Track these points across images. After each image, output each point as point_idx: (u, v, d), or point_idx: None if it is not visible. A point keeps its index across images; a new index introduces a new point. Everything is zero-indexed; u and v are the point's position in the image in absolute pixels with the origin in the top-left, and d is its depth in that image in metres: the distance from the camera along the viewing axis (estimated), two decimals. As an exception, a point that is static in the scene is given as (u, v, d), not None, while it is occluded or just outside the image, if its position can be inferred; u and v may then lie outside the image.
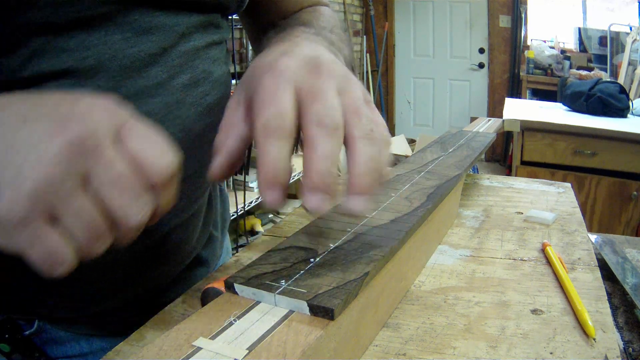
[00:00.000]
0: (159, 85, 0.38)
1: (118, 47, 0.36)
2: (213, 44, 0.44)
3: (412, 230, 0.37)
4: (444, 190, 0.45)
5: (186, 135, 0.41)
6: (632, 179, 1.88)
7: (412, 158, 0.57)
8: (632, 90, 2.75)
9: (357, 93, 0.31)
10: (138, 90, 0.37)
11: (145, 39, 0.37)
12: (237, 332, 0.25)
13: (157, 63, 0.38)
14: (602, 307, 0.37)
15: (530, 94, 3.78)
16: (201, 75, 0.42)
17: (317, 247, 0.33)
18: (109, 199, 0.26)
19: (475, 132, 0.71)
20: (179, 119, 0.40)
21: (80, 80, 0.34)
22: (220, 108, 0.45)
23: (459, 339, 0.34)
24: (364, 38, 4.45)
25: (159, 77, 0.38)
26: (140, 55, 0.37)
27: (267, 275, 0.29)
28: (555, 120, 1.99)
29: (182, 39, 0.40)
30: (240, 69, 2.49)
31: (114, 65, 0.36)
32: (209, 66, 0.43)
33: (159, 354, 0.24)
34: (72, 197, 0.25)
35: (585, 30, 3.80)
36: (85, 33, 0.34)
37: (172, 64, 0.39)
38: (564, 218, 0.56)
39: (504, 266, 0.44)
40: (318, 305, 0.26)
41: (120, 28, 0.36)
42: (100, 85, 0.35)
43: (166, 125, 0.39)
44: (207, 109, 0.43)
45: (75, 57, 0.34)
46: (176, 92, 0.40)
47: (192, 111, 0.41)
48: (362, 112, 0.30)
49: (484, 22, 4.12)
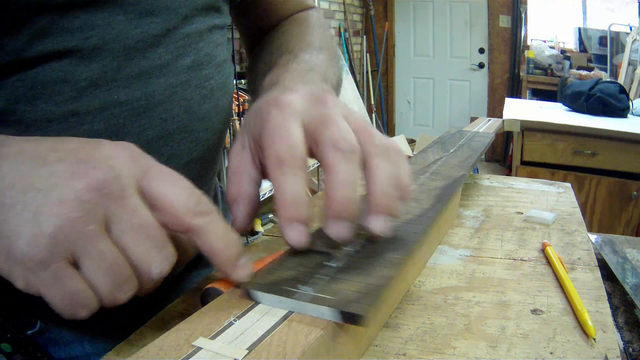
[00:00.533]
0: (163, 66, 0.39)
1: (122, 27, 0.36)
2: (215, 27, 0.45)
3: (427, 232, 0.37)
4: (451, 191, 0.45)
5: (190, 117, 0.42)
6: (632, 179, 1.87)
7: (415, 159, 0.57)
8: (632, 90, 2.75)
9: (362, 118, 0.32)
10: (142, 71, 0.38)
11: (149, 20, 0.37)
12: (237, 332, 0.25)
13: (160, 44, 0.38)
14: (602, 307, 0.37)
15: (530, 94, 3.78)
16: (204, 58, 0.43)
17: (333, 251, 0.32)
18: (131, 247, 0.25)
19: (474, 132, 0.71)
20: (183, 100, 0.41)
21: (83, 60, 0.35)
22: (223, 93, 0.46)
23: (459, 339, 0.34)
24: (364, 38, 4.45)
25: (163, 58, 0.39)
26: (143, 36, 0.37)
27: (287, 281, 0.29)
28: (555, 120, 1.99)
29: (185, 21, 0.40)
30: (240, 69, 2.48)
31: (117, 45, 0.36)
32: (212, 50, 0.44)
33: (158, 353, 0.24)
34: (93, 240, 0.24)
35: (585, 30, 3.80)
36: (89, 13, 0.35)
37: (176, 45, 0.40)
38: (564, 218, 0.56)
39: (504, 266, 0.44)
40: (350, 312, 0.25)
41: (123, 9, 0.36)
42: (105, 65, 0.36)
43: (171, 107, 0.40)
44: (211, 92, 0.44)
45: (79, 36, 0.34)
46: (180, 74, 0.40)
47: (197, 93, 0.42)
48: (373, 131, 0.31)
49: (484, 22, 4.12)
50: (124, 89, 0.37)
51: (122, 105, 0.37)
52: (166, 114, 0.40)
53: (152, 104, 0.38)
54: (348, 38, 4.14)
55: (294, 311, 0.27)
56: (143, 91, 0.38)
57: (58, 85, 0.34)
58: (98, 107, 0.36)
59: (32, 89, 0.34)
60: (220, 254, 0.28)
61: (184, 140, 0.42)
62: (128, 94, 0.37)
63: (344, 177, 0.28)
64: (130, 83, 0.37)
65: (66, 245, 0.24)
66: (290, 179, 0.28)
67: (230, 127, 2.22)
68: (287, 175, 0.28)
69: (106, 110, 0.36)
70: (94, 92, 0.36)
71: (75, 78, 0.35)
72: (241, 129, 0.34)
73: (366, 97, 4.37)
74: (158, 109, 0.39)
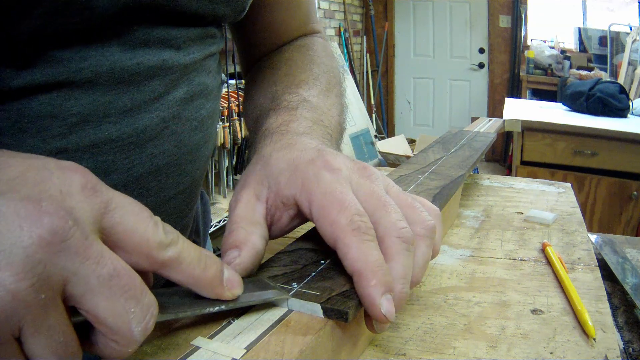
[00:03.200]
0: (155, 100, 0.37)
1: (116, 58, 0.34)
2: (210, 55, 0.43)
3: None
4: (449, 190, 0.45)
5: (180, 151, 0.40)
6: (632, 179, 1.88)
7: (415, 158, 0.56)
8: (632, 90, 2.75)
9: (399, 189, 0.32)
10: (134, 105, 0.36)
11: (144, 52, 0.35)
12: (236, 331, 0.25)
13: (156, 76, 0.37)
14: (602, 307, 0.37)
15: (530, 94, 3.78)
16: (197, 88, 0.41)
17: (327, 249, 0.33)
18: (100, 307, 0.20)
19: (476, 132, 0.71)
20: (174, 134, 0.39)
21: (74, 93, 0.33)
22: (212, 121, 0.45)
23: (459, 339, 0.33)
24: (364, 38, 4.45)
25: (157, 91, 0.37)
26: (138, 68, 0.35)
27: (278, 277, 0.29)
28: (555, 120, 1.99)
29: (181, 51, 0.38)
30: (239, 69, 2.48)
31: (111, 78, 0.34)
32: (204, 78, 0.42)
33: (157, 353, 0.24)
34: (43, 314, 0.19)
35: (585, 30, 3.80)
36: (82, 44, 0.32)
37: (170, 77, 0.38)
38: (564, 218, 0.56)
39: (504, 266, 0.44)
40: (332, 308, 0.26)
41: (118, 40, 0.34)
42: (96, 99, 0.33)
43: (162, 142, 0.38)
44: (201, 123, 0.42)
45: (71, 68, 0.32)
46: (172, 107, 0.38)
47: (187, 125, 0.40)
48: (416, 205, 0.31)
49: (484, 22, 4.12)
50: (115, 124, 0.35)
51: (112, 142, 0.35)
52: (156, 149, 0.38)
53: (143, 139, 0.37)
54: (348, 38, 4.14)
55: (280, 306, 0.27)
56: (135, 127, 0.36)
57: (46, 120, 0.32)
58: (88, 144, 0.34)
59: (18, 122, 0.31)
60: (202, 280, 0.25)
61: (172, 174, 0.40)
62: (119, 130, 0.35)
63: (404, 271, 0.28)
64: (121, 119, 0.35)
65: (11, 321, 0.19)
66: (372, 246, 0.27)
67: (230, 127, 2.22)
68: (367, 242, 0.27)
69: (96, 147, 0.34)
70: (84, 128, 0.33)
71: (64, 113, 0.32)
72: (254, 176, 0.33)
73: (366, 97, 4.37)
74: (149, 145, 0.37)
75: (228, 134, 2.21)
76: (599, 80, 2.23)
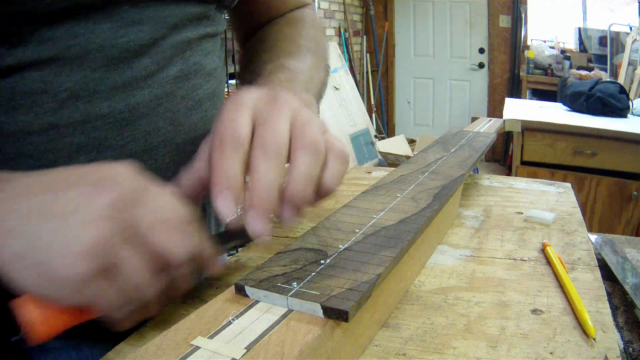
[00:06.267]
0: (147, 77, 0.38)
1: (106, 36, 0.35)
2: (206, 36, 0.43)
3: (420, 230, 0.37)
4: (449, 190, 0.45)
5: (176, 130, 0.41)
6: (632, 179, 1.87)
7: (415, 158, 0.56)
8: (632, 90, 2.75)
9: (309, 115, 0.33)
10: (126, 82, 0.36)
11: (136, 29, 0.36)
12: (236, 331, 0.25)
13: (146, 54, 0.37)
14: (602, 307, 0.37)
15: (530, 94, 3.78)
16: (192, 67, 0.41)
17: (327, 249, 0.33)
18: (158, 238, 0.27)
19: (476, 132, 0.71)
20: (169, 112, 0.40)
21: (65, 70, 0.34)
22: (212, 103, 0.45)
23: (459, 339, 0.33)
24: (364, 38, 4.45)
25: (148, 69, 0.38)
26: (129, 46, 0.36)
27: (278, 277, 0.29)
28: (555, 120, 1.99)
29: (174, 30, 0.39)
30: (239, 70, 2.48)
31: (101, 55, 0.35)
32: (200, 59, 0.42)
33: (157, 352, 0.24)
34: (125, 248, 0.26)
35: (585, 30, 3.80)
36: (72, 22, 0.33)
37: (163, 55, 0.38)
38: (564, 218, 0.56)
39: (504, 266, 0.44)
40: (332, 307, 0.26)
41: (109, 18, 0.35)
42: (87, 76, 0.34)
43: (155, 119, 0.39)
44: (198, 103, 0.43)
45: (61, 45, 0.33)
46: (166, 85, 0.39)
47: (183, 105, 0.41)
48: (310, 128, 0.32)
49: (484, 22, 4.12)
50: (106, 100, 0.36)
51: (104, 117, 0.36)
52: (150, 126, 0.39)
53: (135, 116, 0.37)
54: (348, 38, 4.14)
55: (280, 306, 0.27)
56: (126, 103, 0.37)
57: (37, 96, 0.33)
58: (79, 119, 0.35)
59: (11, 100, 0.33)
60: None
61: (169, 153, 0.41)
62: (110, 106, 0.36)
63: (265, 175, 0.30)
64: (113, 95, 0.36)
65: (102, 258, 0.25)
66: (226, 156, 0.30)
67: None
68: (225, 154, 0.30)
69: (87, 123, 0.35)
70: (74, 103, 0.34)
71: (55, 89, 0.34)
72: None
73: (366, 97, 4.37)
74: (142, 122, 0.38)
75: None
76: (599, 80, 2.23)
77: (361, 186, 0.48)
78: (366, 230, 0.36)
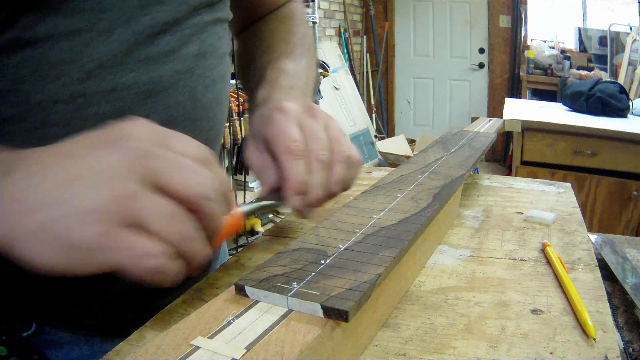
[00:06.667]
0: (169, 53, 0.40)
1: (133, 13, 0.37)
2: (219, 20, 0.46)
3: (420, 230, 0.37)
4: (449, 190, 0.45)
5: (194, 105, 0.43)
6: (632, 179, 1.87)
7: (415, 158, 0.56)
8: (632, 90, 2.75)
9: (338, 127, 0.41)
10: (149, 56, 0.38)
11: (159, 8, 0.39)
12: (236, 331, 0.25)
13: (168, 32, 0.40)
14: (602, 307, 0.37)
15: (530, 94, 3.78)
16: (208, 48, 0.44)
17: (327, 249, 0.33)
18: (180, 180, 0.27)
19: (476, 132, 0.71)
20: (188, 87, 0.42)
21: (92, 42, 0.35)
22: (223, 85, 0.48)
23: (459, 339, 0.33)
24: (364, 38, 4.45)
25: (170, 45, 0.40)
26: (152, 23, 0.38)
27: (278, 277, 0.29)
28: (555, 120, 1.99)
29: (193, 12, 0.42)
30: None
31: (127, 30, 0.37)
32: (215, 41, 0.45)
33: (157, 352, 0.24)
34: (149, 199, 0.26)
35: (585, 30, 3.80)
36: None
37: (182, 34, 0.41)
38: (564, 218, 0.56)
39: (504, 266, 0.44)
40: (332, 307, 0.26)
41: None
42: (113, 48, 0.36)
43: (176, 93, 0.41)
44: (213, 82, 0.45)
45: (89, 18, 0.35)
46: (186, 61, 0.41)
47: (200, 82, 0.43)
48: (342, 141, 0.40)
49: (484, 22, 4.12)
50: (131, 72, 0.37)
51: (129, 88, 0.38)
52: (171, 100, 0.41)
53: (158, 89, 0.39)
54: (348, 38, 4.14)
55: (280, 306, 0.27)
56: (150, 76, 0.39)
57: (65, 65, 0.34)
58: (105, 89, 0.36)
59: (39, 70, 0.34)
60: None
61: (187, 128, 0.43)
62: (135, 78, 0.38)
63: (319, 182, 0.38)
64: (137, 67, 0.38)
65: (127, 211, 0.25)
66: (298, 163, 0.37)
67: (230, 126, 2.22)
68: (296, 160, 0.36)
69: (113, 92, 0.37)
70: (101, 74, 0.36)
71: (83, 59, 0.35)
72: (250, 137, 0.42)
73: (366, 97, 4.37)
74: (163, 95, 0.40)
75: (228, 134, 2.21)
76: (599, 80, 2.23)
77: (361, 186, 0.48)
78: (366, 230, 0.36)
